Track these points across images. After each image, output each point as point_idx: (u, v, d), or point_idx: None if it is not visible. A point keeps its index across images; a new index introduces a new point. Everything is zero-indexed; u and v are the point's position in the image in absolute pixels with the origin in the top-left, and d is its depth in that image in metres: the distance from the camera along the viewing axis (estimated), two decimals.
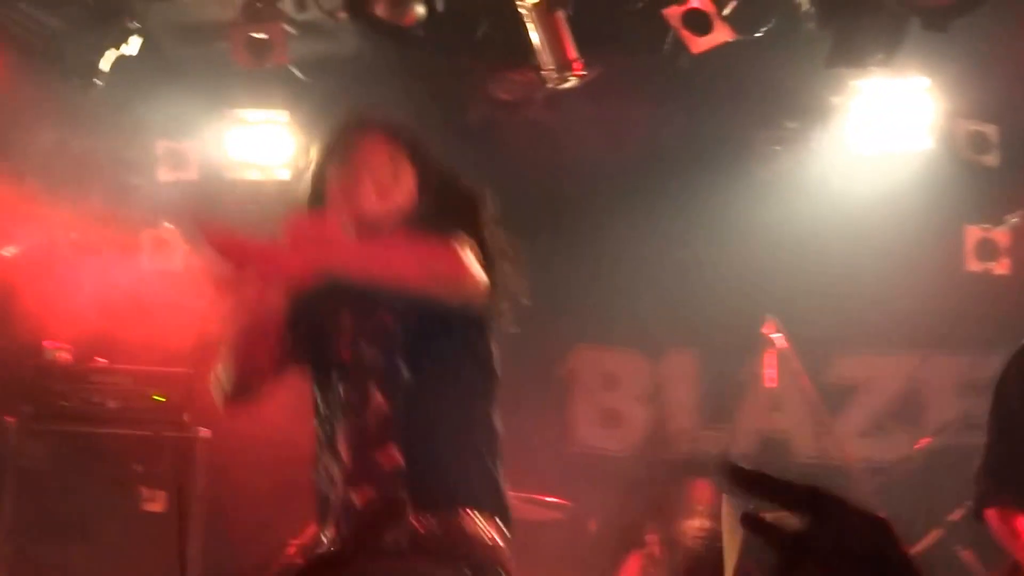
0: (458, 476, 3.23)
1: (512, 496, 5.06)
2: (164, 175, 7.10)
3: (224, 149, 7.04)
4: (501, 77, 6.56)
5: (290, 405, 3.67)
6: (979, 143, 6.47)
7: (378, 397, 3.24)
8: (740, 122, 6.79)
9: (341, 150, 3.35)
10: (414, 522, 3.13)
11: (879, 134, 6.57)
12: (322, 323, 3.39)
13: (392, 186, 3.35)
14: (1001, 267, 6.68)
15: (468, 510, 3.17)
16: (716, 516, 6.28)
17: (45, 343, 6.66)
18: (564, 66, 5.89)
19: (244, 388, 3.33)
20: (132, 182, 7.26)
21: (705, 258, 7.04)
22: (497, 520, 3.19)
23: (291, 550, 6.02)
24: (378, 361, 3.25)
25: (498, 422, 3.33)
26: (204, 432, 6.63)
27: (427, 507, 3.13)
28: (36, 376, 6.63)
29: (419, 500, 3.13)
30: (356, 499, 3.19)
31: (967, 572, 5.88)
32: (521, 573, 3.38)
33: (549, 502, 5.99)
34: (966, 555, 5.82)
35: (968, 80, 6.36)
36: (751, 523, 1.40)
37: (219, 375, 3.30)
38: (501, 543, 3.18)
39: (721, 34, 5.67)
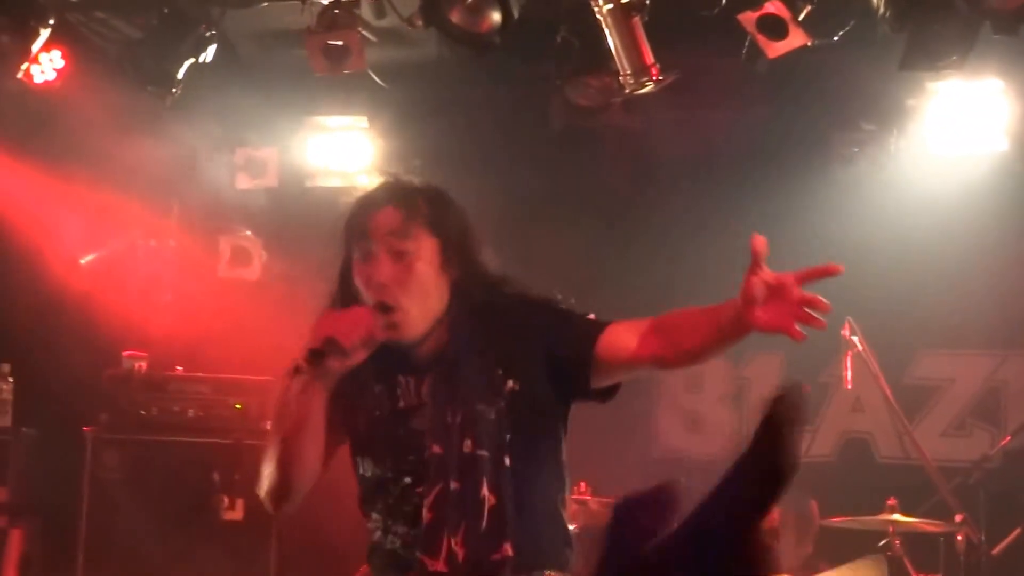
0: (551, 546, 3.21)
1: (598, 502, 4.89)
2: (243, 183, 7.13)
3: (304, 156, 7.08)
4: (579, 83, 6.41)
5: None
6: None
7: (490, 496, 3.16)
8: (817, 124, 6.81)
9: (357, 237, 3.18)
10: None
11: (954, 136, 6.59)
12: (392, 408, 3.26)
13: (410, 255, 3.20)
14: None
15: (553, 572, 3.18)
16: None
17: (124, 352, 6.73)
18: (641, 71, 5.83)
19: (294, 491, 3.24)
20: (212, 190, 7.26)
21: (785, 260, 6.58)
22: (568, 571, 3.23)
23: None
24: (483, 457, 3.17)
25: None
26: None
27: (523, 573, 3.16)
28: (114, 386, 6.69)
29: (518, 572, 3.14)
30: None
31: None
32: None
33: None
34: None
35: None
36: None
37: (266, 480, 3.21)
38: None
39: (797, 38, 5.69)
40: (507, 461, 3.10)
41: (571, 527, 3.34)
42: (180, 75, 6.18)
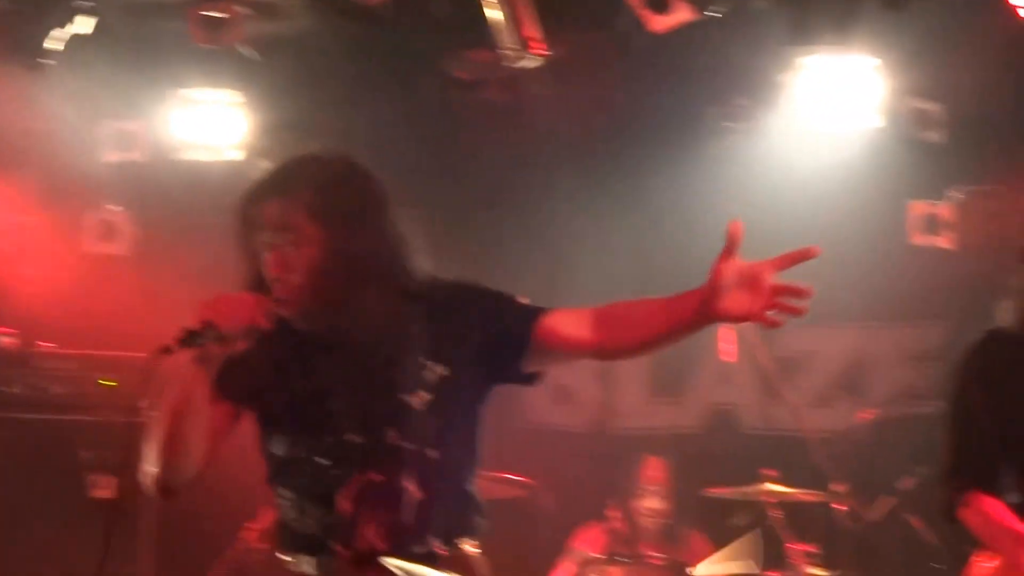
0: (466, 519, 3.23)
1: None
2: (110, 156, 7.02)
3: (173, 129, 6.99)
4: (459, 56, 6.49)
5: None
6: (924, 121, 6.55)
7: (415, 490, 3.14)
8: (692, 99, 6.85)
9: (250, 231, 3.18)
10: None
11: (827, 111, 6.64)
12: (305, 391, 3.24)
13: (295, 245, 3.17)
14: (944, 241, 6.83)
15: (465, 540, 3.21)
16: (667, 495, 6.49)
17: None
18: (523, 45, 5.98)
19: (179, 477, 3.14)
20: (78, 163, 7.09)
21: (658, 232, 7.14)
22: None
23: (250, 534, 6.10)
24: (408, 450, 3.16)
25: None
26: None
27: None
28: None
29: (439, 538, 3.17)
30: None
31: (918, 539, 6.07)
32: (486, 551, 3.33)
33: (512, 480, 6.04)
34: (916, 522, 6.06)
35: (915, 60, 6.45)
36: None
37: (150, 466, 3.10)
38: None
39: (680, 13, 5.76)
40: (433, 453, 3.09)
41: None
42: (56, 47, 6.11)
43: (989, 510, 3.95)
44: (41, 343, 6.62)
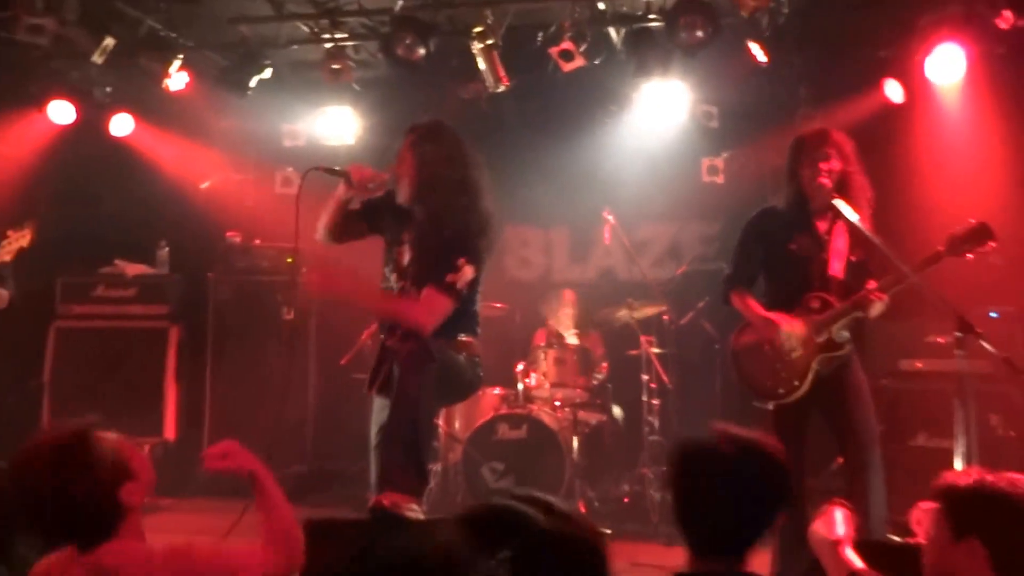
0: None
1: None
2: (287, 142, 9.22)
3: (317, 128, 9.05)
4: (464, 86, 8.33)
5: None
6: (708, 115, 8.51)
7: (404, 286, 4.46)
8: (587, 103, 8.73)
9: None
10: None
11: (657, 112, 8.47)
12: (392, 233, 4.56)
13: (400, 166, 4.50)
14: (719, 179, 8.87)
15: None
16: (576, 313, 8.23)
17: (227, 233, 9.06)
18: (497, 80, 7.66)
19: (330, 232, 4.62)
20: (270, 145, 9.19)
21: (575, 172, 8.95)
22: None
23: (366, 335, 7.73)
24: (404, 264, 4.44)
25: None
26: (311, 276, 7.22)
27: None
28: (222, 250, 8.97)
29: None
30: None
31: (708, 335, 7.87)
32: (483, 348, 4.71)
33: (497, 306, 7.90)
34: (707, 326, 7.93)
35: (703, 82, 8.26)
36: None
37: (320, 227, 4.63)
38: None
39: (578, 61, 7.42)
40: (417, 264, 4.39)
41: None
42: (252, 84, 7.96)
43: (747, 301, 5.27)
44: (256, 240, 8.91)
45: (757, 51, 7.32)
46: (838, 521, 3.12)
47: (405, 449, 4.23)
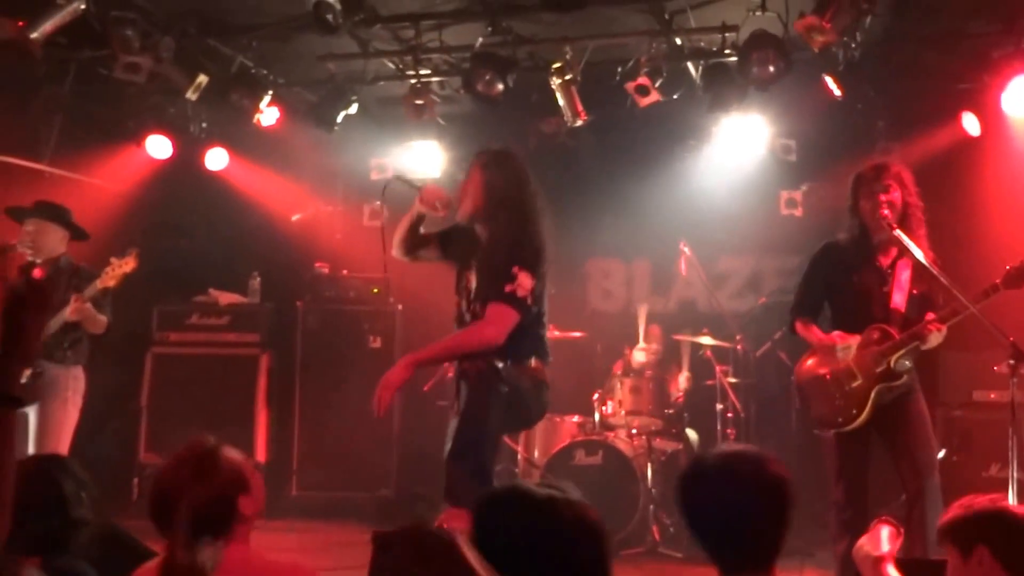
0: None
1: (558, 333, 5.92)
2: (374, 176, 9.36)
3: (405, 161, 9.08)
4: (544, 121, 8.66)
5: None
6: (786, 148, 8.61)
7: (472, 308, 4.57)
8: (667, 137, 8.85)
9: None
10: None
11: (738, 144, 8.54)
12: (464, 257, 4.64)
13: (467, 191, 4.57)
14: (798, 212, 9.03)
15: None
16: (661, 347, 8.19)
17: (316, 263, 9.23)
18: (576, 115, 7.75)
19: (404, 247, 4.77)
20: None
21: (656, 205, 8.96)
22: None
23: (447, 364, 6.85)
24: (472, 288, 4.56)
25: None
26: (399, 307, 8.86)
27: None
28: (311, 280, 9.21)
29: None
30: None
31: (784, 366, 7.68)
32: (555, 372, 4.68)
33: (576, 335, 8.17)
34: (782, 356, 7.92)
35: (780, 116, 8.35)
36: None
37: (394, 244, 4.78)
38: None
39: (653, 96, 7.47)
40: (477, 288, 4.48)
41: None
42: (339, 119, 8.05)
43: (810, 328, 5.39)
44: (344, 271, 9.14)
45: (832, 85, 7.40)
46: (883, 538, 3.23)
47: (469, 467, 4.32)
